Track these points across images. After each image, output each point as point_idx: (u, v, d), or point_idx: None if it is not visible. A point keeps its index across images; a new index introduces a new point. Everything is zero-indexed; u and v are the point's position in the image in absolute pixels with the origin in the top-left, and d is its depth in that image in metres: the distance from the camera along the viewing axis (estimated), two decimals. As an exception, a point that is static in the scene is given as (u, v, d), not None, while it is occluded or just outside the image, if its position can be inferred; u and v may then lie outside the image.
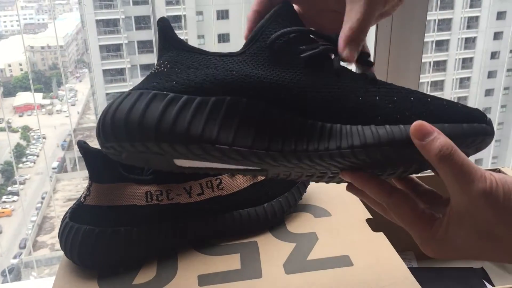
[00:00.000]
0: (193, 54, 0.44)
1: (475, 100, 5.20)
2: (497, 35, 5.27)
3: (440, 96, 0.46)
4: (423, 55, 0.88)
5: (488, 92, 5.33)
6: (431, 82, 5.02)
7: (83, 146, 0.58)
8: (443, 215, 0.41)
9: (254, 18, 0.48)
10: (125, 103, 0.42)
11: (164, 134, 0.41)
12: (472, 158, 0.45)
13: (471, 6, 5.20)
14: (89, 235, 0.57)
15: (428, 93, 0.46)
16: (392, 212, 0.44)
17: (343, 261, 0.58)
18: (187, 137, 0.41)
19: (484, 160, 5.17)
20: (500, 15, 5.26)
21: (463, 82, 5.32)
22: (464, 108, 0.44)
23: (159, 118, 0.41)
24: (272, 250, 0.61)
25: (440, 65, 5.11)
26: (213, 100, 0.41)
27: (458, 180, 0.39)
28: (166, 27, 0.46)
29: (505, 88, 5.36)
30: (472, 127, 0.43)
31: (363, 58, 0.47)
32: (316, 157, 0.42)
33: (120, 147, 0.43)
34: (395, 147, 0.41)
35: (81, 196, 0.60)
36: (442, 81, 5.15)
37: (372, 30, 0.87)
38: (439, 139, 0.39)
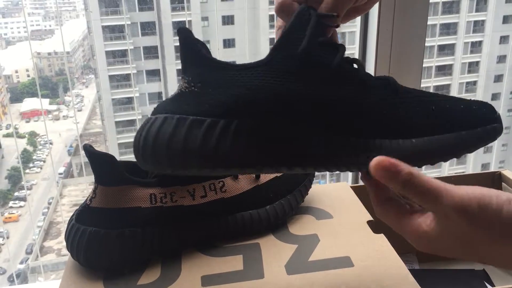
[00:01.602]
0: (221, 71, 0.44)
1: (481, 104, 5.17)
2: (503, 39, 5.25)
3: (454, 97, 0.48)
4: (429, 59, 0.88)
5: (495, 96, 5.31)
6: (438, 86, 5.01)
7: (89, 150, 0.59)
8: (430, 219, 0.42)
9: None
10: (165, 129, 0.42)
11: (206, 161, 0.42)
12: (479, 163, 0.47)
13: (476, 10, 5.19)
14: (95, 237, 0.59)
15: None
16: (382, 219, 0.45)
17: (344, 262, 0.59)
18: (229, 162, 0.42)
19: (491, 164, 5.14)
20: (506, 19, 5.25)
21: (469, 86, 5.30)
22: (478, 110, 0.46)
23: (201, 146, 0.42)
24: (274, 251, 0.62)
25: (446, 69, 5.10)
26: (249, 123, 0.42)
27: (427, 203, 0.40)
28: (189, 39, 0.45)
29: (511, 92, 5.34)
30: (485, 131, 0.45)
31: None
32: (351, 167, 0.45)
33: (161, 170, 0.44)
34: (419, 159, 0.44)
35: (87, 199, 0.61)
36: (449, 85, 5.14)
37: (373, 34, 0.88)
38: (400, 172, 0.39)
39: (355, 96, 0.44)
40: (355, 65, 0.46)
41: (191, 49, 0.45)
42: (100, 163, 0.60)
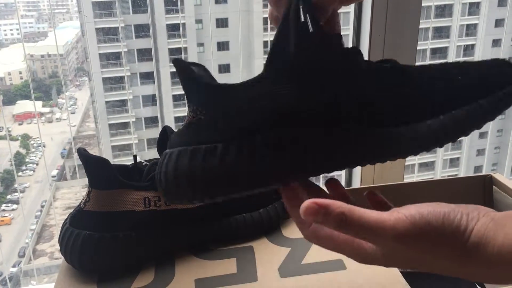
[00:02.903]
0: (223, 94, 0.43)
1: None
2: (496, 43, 5.29)
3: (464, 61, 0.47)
4: (422, 63, 0.89)
5: (487, 99, 5.34)
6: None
7: (83, 154, 0.59)
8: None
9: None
10: (182, 163, 0.42)
11: (230, 186, 0.42)
12: (471, 166, 0.46)
13: (469, 14, 5.23)
14: (88, 240, 0.59)
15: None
16: (314, 242, 0.44)
17: (337, 265, 0.60)
18: (253, 182, 0.42)
19: (483, 167, 5.17)
20: (499, 23, 5.28)
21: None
22: (493, 71, 0.45)
23: (220, 173, 0.41)
24: (268, 254, 0.63)
25: (438, 73, 5.12)
26: (263, 139, 0.41)
27: (367, 238, 0.39)
28: (186, 69, 0.44)
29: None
30: (509, 91, 0.44)
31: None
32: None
33: (189, 202, 0.44)
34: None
35: (81, 202, 0.61)
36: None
37: (366, 38, 0.89)
38: (330, 214, 0.38)
39: (365, 85, 0.43)
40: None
41: (190, 78, 0.45)
42: (94, 167, 0.60)
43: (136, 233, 0.60)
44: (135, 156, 0.64)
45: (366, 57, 0.44)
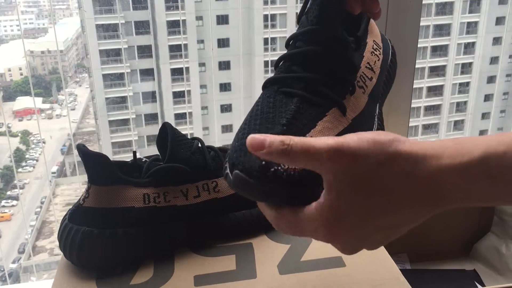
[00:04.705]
0: None
1: (474, 105, 5.21)
2: (496, 40, 5.28)
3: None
4: (422, 60, 0.89)
5: (487, 97, 5.33)
6: (431, 87, 5.03)
7: (82, 149, 0.59)
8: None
9: None
10: None
11: None
12: None
13: (470, 12, 5.22)
14: (88, 236, 0.59)
15: (427, 98, 0.48)
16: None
17: (336, 262, 0.60)
18: None
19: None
20: (499, 21, 5.27)
21: (462, 87, 5.32)
22: None
23: None
24: (267, 251, 0.63)
25: (439, 70, 5.12)
26: None
27: (309, 163, 0.38)
28: None
29: (504, 93, 5.36)
30: None
31: None
32: None
33: None
34: None
35: (80, 198, 0.61)
36: (442, 86, 5.17)
37: (367, 36, 0.89)
38: (273, 143, 0.38)
39: None
40: None
41: None
42: (93, 163, 0.60)
43: (135, 229, 0.60)
44: (134, 152, 0.64)
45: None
